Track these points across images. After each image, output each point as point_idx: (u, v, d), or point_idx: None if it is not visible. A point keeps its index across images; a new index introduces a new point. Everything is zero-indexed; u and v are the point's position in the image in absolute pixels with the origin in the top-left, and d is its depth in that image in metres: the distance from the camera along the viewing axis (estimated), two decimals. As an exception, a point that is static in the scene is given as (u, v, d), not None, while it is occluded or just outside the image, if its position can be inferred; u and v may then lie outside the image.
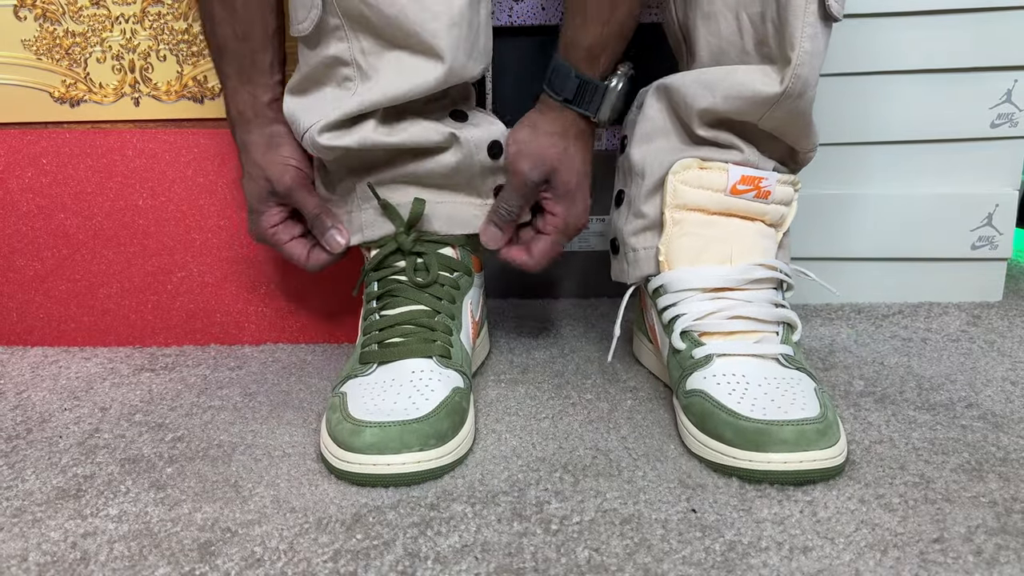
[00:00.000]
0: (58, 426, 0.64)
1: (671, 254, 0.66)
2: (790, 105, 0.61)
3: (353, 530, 0.49)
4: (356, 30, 0.61)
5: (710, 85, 0.63)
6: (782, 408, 0.54)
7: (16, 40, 0.78)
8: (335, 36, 0.61)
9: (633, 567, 0.45)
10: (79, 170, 0.77)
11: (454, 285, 0.67)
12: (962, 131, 0.84)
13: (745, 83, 0.62)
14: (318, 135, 0.63)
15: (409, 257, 0.66)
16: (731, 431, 0.54)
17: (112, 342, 0.81)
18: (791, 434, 0.52)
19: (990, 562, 0.45)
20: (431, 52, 0.60)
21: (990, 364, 0.72)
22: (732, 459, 0.54)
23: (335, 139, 0.63)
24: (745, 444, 0.53)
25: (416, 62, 0.61)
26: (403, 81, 0.61)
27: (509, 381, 0.71)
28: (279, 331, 0.81)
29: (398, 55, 0.61)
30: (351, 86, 0.62)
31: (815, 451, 0.52)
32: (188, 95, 0.80)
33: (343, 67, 0.62)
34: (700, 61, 0.66)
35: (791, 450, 0.52)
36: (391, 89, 0.61)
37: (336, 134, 0.63)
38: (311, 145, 0.64)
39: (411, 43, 0.60)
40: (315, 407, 0.67)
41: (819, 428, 0.53)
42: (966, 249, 0.87)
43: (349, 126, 0.63)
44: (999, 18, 0.81)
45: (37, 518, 0.51)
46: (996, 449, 0.57)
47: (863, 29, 0.82)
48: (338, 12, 0.60)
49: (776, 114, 0.62)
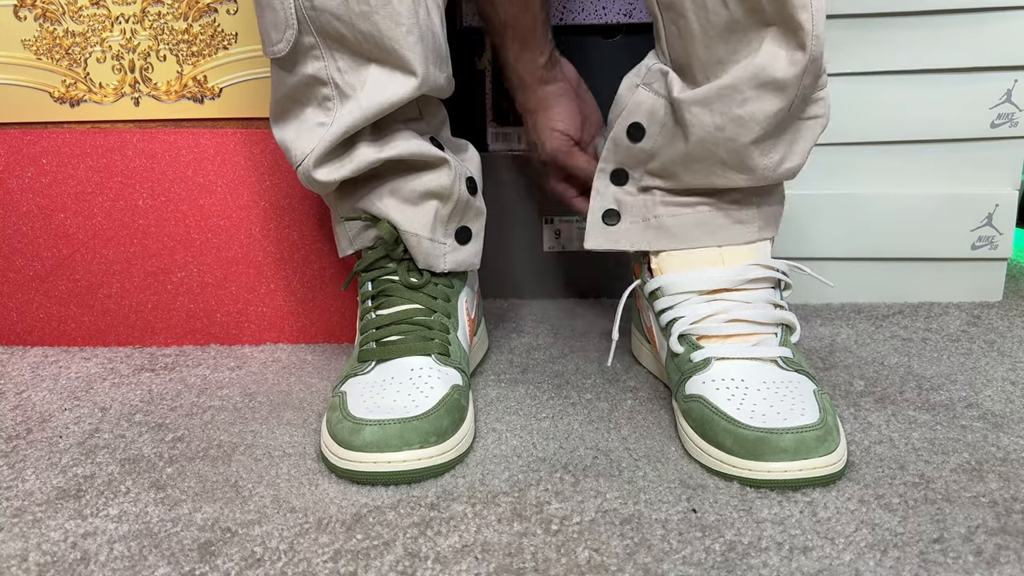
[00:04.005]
0: (58, 426, 0.64)
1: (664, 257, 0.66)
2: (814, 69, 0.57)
3: (353, 530, 0.49)
4: (332, 48, 0.61)
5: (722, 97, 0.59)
6: (781, 414, 0.54)
7: (16, 40, 0.78)
8: (311, 56, 0.61)
9: (633, 567, 0.45)
10: (79, 170, 0.77)
11: (447, 284, 0.68)
12: (962, 131, 0.84)
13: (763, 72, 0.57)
14: (314, 170, 0.63)
15: (401, 263, 0.66)
16: (731, 439, 0.54)
17: (112, 342, 0.81)
18: (790, 442, 0.52)
19: (990, 562, 0.45)
20: (404, 65, 0.61)
21: (990, 364, 0.72)
22: (732, 467, 0.54)
23: (332, 173, 0.63)
24: (744, 453, 0.53)
25: (391, 75, 0.61)
26: (379, 94, 0.61)
27: (509, 381, 0.71)
28: (279, 331, 0.81)
29: (374, 70, 0.61)
30: (331, 106, 0.63)
31: (814, 459, 0.52)
32: (188, 95, 0.80)
33: (321, 87, 0.62)
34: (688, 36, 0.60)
35: (791, 459, 0.52)
36: (370, 105, 0.61)
37: (331, 167, 0.63)
38: (307, 180, 0.64)
39: (386, 58, 0.61)
40: (315, 407, 0.67)
41: (818, 435, 0.53)
42: (966, 249, 0.87)
43: (341, 154, 0.63)
44: (999, 18, 0.81)
45: (37, 518, 0.51)
46: (996, 449, 0.57)
47: (863, 29, 0.82)
48: (313, 31, 0.60)
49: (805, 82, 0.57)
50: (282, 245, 0.78)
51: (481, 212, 0.71)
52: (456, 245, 0.68)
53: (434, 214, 0.66)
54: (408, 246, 0.66)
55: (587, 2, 0.86)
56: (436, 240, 0.66)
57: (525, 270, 0.93)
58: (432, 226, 0.66)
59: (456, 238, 0.68)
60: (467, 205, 0.68)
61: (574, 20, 0.86)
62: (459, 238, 0.68)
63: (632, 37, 0.88)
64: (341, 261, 0.79)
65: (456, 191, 0.66)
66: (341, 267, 0.79)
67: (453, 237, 0.68)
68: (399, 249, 0.66)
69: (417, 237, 0.65)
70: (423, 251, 0.66)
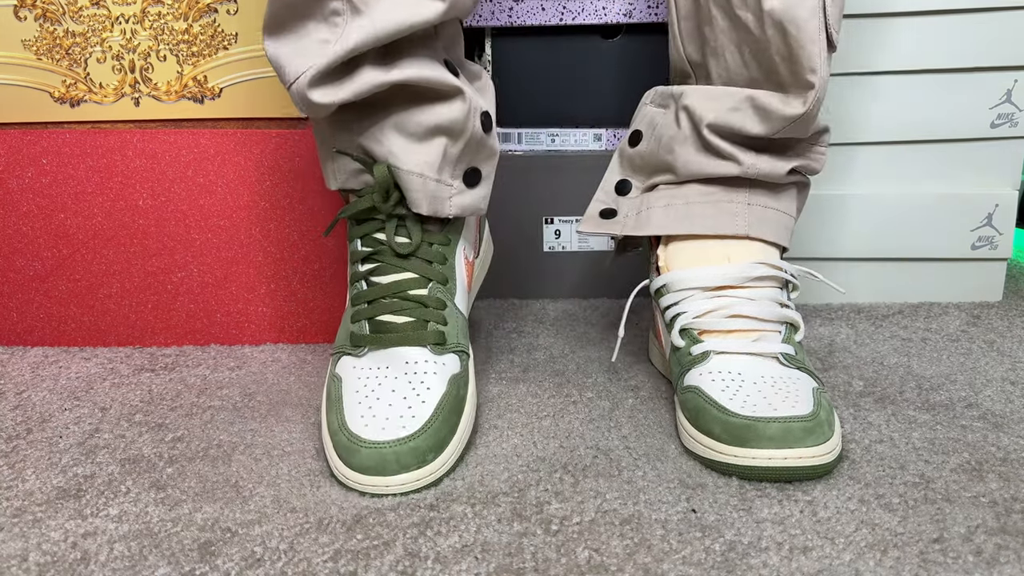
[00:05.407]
0: (58, 426, 0.64)
1: (671, 255, 0.66)
2: (807, 123, 0.62)
3: (353, 530, 0.49)
4: None
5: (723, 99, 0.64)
6: (772, 405, 0.55)
7: (16, 40, 0.78)
8: None
9: (633, 567, 0.45)
10: (79, 170, 0.77)
11: (443, 242, 0.62)
12: (962, 131, 0.84)
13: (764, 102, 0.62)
14: (308, 89, 0.56)
15: (391, 219, 0.61)
16: (719, 427, 0.54)
17: (112, 342, 0.81)
18: (777, 431, 0.52)
19: (990, 562, 0.45)
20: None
21: (990, 364, 0.72)
22: (719, 454, 0.54)
23: (329, 94, 0.56)
24: (732, 440, 0.53)
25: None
26: (398, 13, 0.54)
27: (510, 379, 0.71)
28: (279, 331, 0.81)
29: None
30: (339, 22, 0.55)
31: (800, 448, 0.52)
32: (188, 95, 0.80)
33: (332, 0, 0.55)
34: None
35: (777, 447, 0.52)
36: (385, 24, 0.54)
37: (329, 89, 0.56)
38: (300, 101, 0.57)
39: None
40: (315, 407, 0.67)
41: (806, 426, 0.53)
42: (966, 249, 0.87)
43: (341, 74, 0.56)
44: (999, 18, 0.81)
45: (37, 518, 0.51)
46: (996, 449, 0.57)
47: (863, 29, 0.82)
48: None
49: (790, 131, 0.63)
50: (282, 245, 0.78)
51: (494, 152, 0.64)
52: (463, 187, 0.62)
53: (442, 152, 0.59)
54: (409, 188, 0.59)
55: (587, 2, 0.86)
56: (443, 181, 0.60)
57: (525, 270, 0.93)
58: (439, 165, 0.59)
59: (464, 180, 0.62)
60: (480, 144, 0.62)
61: (574, 20, 0.86)
62: (467, 180, 0.62)
63: (632, 37, 0.88)
64: (341, 262, 0.79)
65: (469, 127, 0.60)
66: (341, 267, 0.79)
67: (461, 179, 0.62)
68: (390, 201, 0.60)
69: (422, 178, 0.59)
70: (427, 193, 0.60)
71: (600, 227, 0.70)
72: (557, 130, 0.91)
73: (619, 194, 0.71)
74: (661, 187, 0.69)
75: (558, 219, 0.91)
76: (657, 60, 0.87)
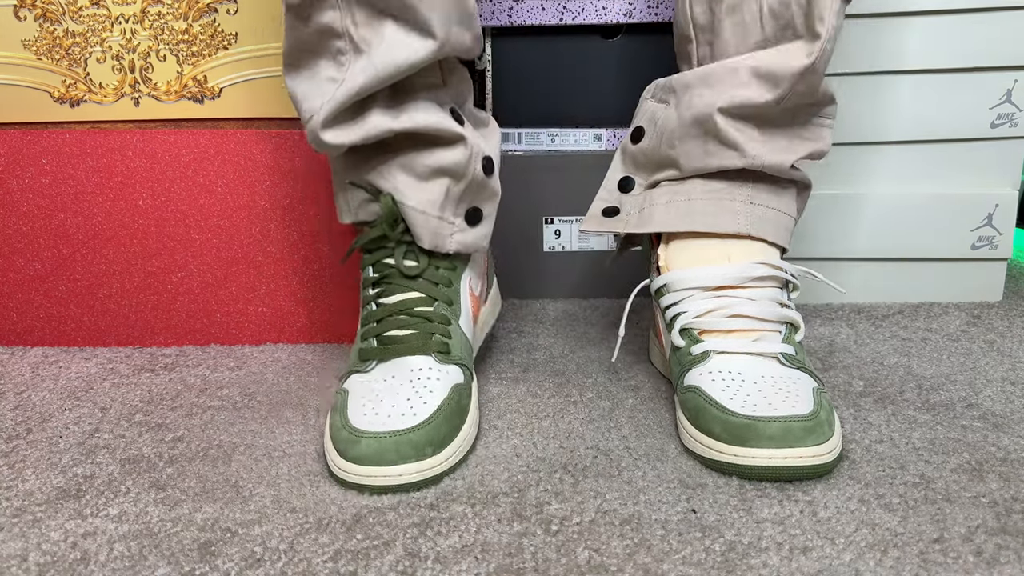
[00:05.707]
0: (58, 426, 0.64)
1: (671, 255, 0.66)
2: (815, 77, 0.62)
3: (353, 530, 0.49)
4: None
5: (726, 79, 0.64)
6: (772, 405, 0.55)
7: (16, 40, 0.78)
8: (327, 4, 0.58)
9: (633, 567, 0.45)
10: (79, 170, 0.77)
11: (449, 267, 0.65)
12: (962, 131, 0.84)
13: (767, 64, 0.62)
14: (321, 131, 0.60)
15: (399, 246, 0.64)
16: (719, 426, 0.54)
17: (112, 342, 0.81)
18: (777, 430, 0.52)
19: (990, 562, 0.45)
20: (423, 24, 0.58)
21: (990, 364, 0.72)
22: (719, 454, 0.54)
23: (341, 136, 0.61)
24: (731, 439, 0.53)
25: (407, 34, 0.59)
26: (394, 54, 0.58)
27: (510, 380, 0.71)
28: (279, 331, 0.81)
29: (390, 26, 0.59)
30: (344, 61, 0.60)
31: (800, 448, 0.52)
32: (188, 95, 0.80)
33: (336, 39, 0.59)
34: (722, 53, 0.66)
35: (777, 446, 0.52)
36: (383, 65, 0.58)
37: (341, 130, 0.61)
38: (313, 140, 0.62)
39: (403, 14, 0.58)
40: (315, 406, 0.67)
41: (806, 425, 0.53)
42: (966, 249, 0.87)
43: (352, 117, 0.61)
44: (999, 18, 0.81)
45: (37, 518, 0.51)
46: (996, 449, 0.57)
47: (863, 29, 0.82)
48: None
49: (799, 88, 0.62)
50: (282, 245, 0.78)
51: (495, 194, 0.68)
52: (465, 226, 0.66)
53: (445, 192, 0.64)
54: (413, 223, 0.63)
55: (587, 2, 0.86)
56: (444, 219, 0.64)
57: (525, 270, 0.93)
58: (442, 204, 0.64)
59: (466, 218, 0.66)
60: (481, 185, 0.66)
61: (574, 20, 0.86)
62: (469, 219, 0.66)
63: (632, 37, 0.88)
64: (342, 265, 0.79)
65: (471, 171, 0.64)
66: (341, 267, 0.79)
67: (463, 217, 0.66)
68: (398, 230, 0.63)
69: (424, 215, 0.63)
70: (430, 229, 0.63)
71: (603, 226, 0.71)
72: (557, 130, 0.91)
73: (622, 191, 0.72)
74: (664, 184, 0.69)
75: (558, 219, 0.91)
76: (657, 60, 0.87)
